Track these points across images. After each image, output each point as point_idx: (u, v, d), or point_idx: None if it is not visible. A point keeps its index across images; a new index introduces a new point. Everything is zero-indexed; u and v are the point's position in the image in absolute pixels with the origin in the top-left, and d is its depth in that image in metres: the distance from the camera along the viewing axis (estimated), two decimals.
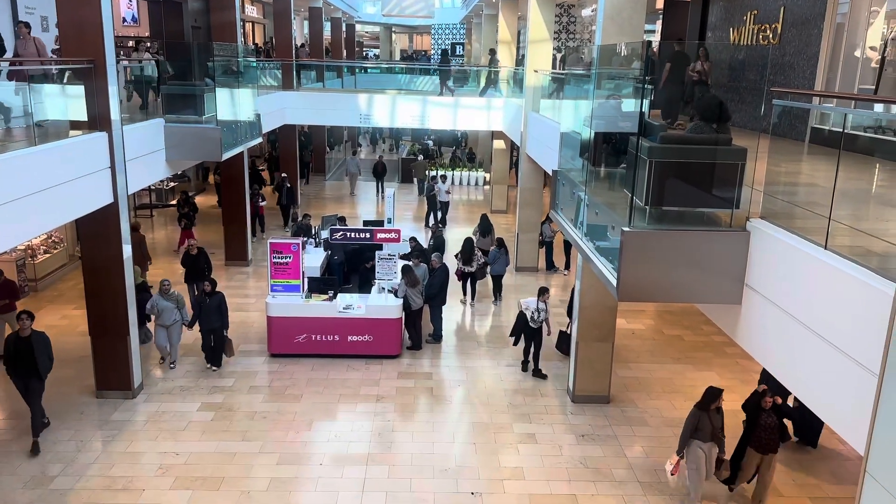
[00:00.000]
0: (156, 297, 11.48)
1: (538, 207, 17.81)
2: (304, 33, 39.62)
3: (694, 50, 10.63)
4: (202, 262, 13.89)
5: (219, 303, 11.52)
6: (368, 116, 22.77)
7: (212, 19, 16.84)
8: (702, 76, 9.79)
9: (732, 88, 13.30)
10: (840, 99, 9.24)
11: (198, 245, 14.13)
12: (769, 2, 12.59)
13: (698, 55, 10.18)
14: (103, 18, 9.53)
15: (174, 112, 12.72)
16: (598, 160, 8.17)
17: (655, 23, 20.18)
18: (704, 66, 9.95)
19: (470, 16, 38.98)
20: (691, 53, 10.05)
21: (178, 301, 11.62)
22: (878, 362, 3.67)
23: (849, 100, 8.36)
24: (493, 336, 13.74)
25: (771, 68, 12.24)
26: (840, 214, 4.95)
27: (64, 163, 8.74)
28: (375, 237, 13.73)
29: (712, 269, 5.81)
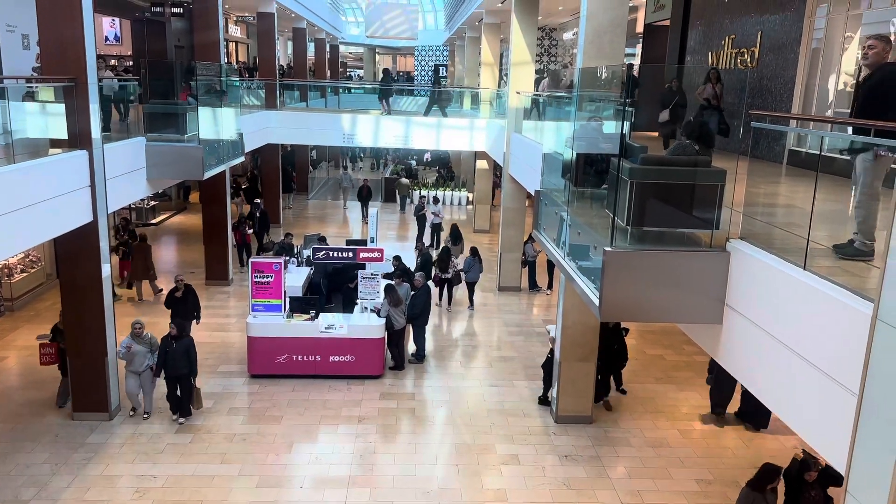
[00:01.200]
0: (127, 340, 10.43)
1: (521, 227, 17.89)
2: (287, 53, 39.76)
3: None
4: (191, 302, 12.68)
5: (186, 348, 10.43)
6: (352, 136, 22.81)
7: (195, 39, 16.85)
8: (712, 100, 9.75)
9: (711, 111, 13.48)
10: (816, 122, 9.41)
11: (185, 282, 12.84)
12: (747, 26, 12.85)
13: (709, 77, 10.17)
14: (85, 37, 9.50)
15: (156, 130, 12.67)
16: (580, 181, 8.24)
17: (636, 46, 20.49)
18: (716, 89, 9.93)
19: (453, 38, 39.38)
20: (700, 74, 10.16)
21: (152, 344, 10.57)
22: (857, 382, 3.71)
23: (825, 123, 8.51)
24: (476, 356, 13.71)
25: (749, 91, 12.45)
26: (818, 235, 5.02)
27: (43, 181, 8.65)
28: (358, 256, 13.68)
29: (693, 289, 5.85)
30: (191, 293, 12.74)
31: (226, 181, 16.91)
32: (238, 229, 18.54)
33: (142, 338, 10.49)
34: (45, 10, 9.40)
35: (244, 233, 18.87)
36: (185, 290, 12.68)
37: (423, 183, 31.55)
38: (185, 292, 12.66)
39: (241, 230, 18.69)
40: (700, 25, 14.95)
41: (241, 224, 18.76)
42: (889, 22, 9.62)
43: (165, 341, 10.47)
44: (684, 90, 9.72)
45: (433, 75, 27.90)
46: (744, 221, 5.88)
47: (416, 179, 32.63)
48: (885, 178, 5.06)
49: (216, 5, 16.10)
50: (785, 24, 11.67)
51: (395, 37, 40.49)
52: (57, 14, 9.38)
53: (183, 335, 10.64)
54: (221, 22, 16.60)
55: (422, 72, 50.81)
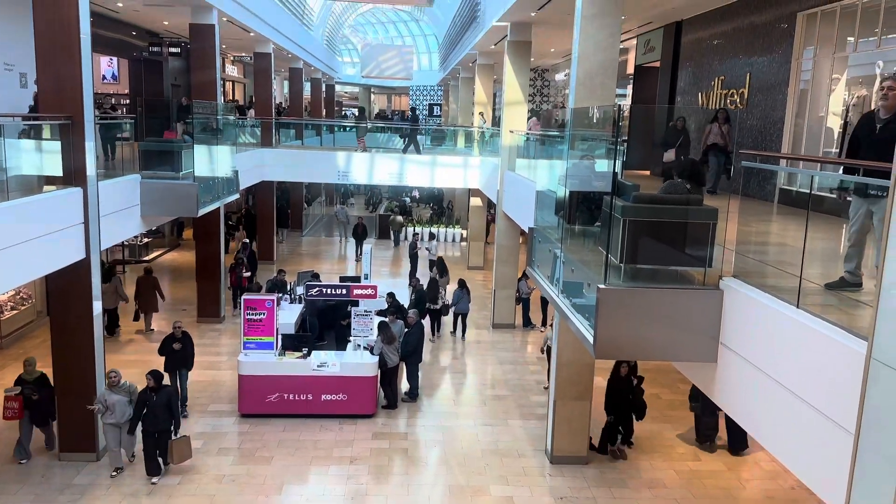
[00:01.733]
0: (103, 392, 9.76)
1: (515, 264, 17.91)
2: (284, 92, 40.22)
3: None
4: (188, 349, 11.98)
5: (167, 399, 9.70)
6: (346, 173, 22.97)
7: (192, 78, 17.04)
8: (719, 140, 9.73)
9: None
10: (806, 161, 9.54)
11: (182, 329, 12.07)
12: (736, 68, 13.09)
13: (716, 117, 10.22)
14: (83, 76, 9.61)
15: (151, 168, 12.72)
16: (573, 218, 8.28)
17: (626, 87, 20.82)
18: (722, 129, 9.95)
19: (447, 78, 39.97)
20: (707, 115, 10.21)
21: (132, 393, 9.83)
22: (853, 421, 3.68)
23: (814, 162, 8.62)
24: (470, 394, 13.58)
25: (739, 131, 12.63)
26: (810, 273, 5.03)
27: (37, 218, 8.65)
28: (352, 293, 13.64)
29: (687, 326, 5.85)
30: (188, 342, 11.98)
31: (220, 218, 16.94)
32: (234, 270, 18.02)
33: (119, 387, 9.74)
34: (43, 49, 9.52)
35: (240, 275, 18.11)
36: (183, 337, 11.94)
37: (416, 220, 31.68)
38: (182, 340, 11.89)
39: (237, 272, 18.04)
40: (690, 67, 15.23)
41: (238, 266, 18.15)
42: (875, 64, 9.82)
43: (144, 394, 9.70)
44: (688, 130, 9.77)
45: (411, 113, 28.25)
46: (736, 259, 5.90)
47: (410, 216, 32.77)
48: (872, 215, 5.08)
49: (214, 46, 16.32)
50: (773, 65, 11.90)
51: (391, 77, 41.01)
52: (56, 53, 9.50)
53: (162, 386, 9.82)
54: (219, 62, 16.82)
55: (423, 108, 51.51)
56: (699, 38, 14.76)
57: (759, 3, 12.31)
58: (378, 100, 61.53)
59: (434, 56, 51.18)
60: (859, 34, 10.10)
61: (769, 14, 12.02)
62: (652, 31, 17.22)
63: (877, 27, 9.65)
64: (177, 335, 11.83)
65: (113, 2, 17.01)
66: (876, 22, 9.65)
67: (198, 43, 16.45)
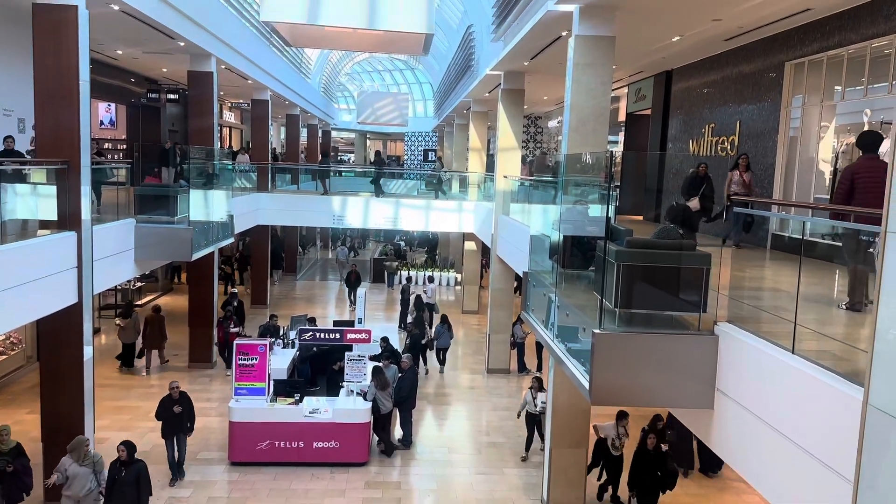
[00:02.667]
0: (65, 461, 8.78)
1: (509, 308, 17.86)
2: (280, 138, 40.66)
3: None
4: (189, 411, 11.14)
5: (137, 475, 8.91)
6: (342, 218, 23.06)
7: (190, 124, 17.22)
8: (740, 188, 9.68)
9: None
10: (797, 207, 9.63)
11: (180, 389, 11.19)
12: (726, 115, 13.33)
13: (737, 164, 10.15)
14: (81, 122, 9.70)
15: (146, 212, 12.75)
16: (568, 262, 8.30)
17: (618, 134, 21.14)
18: (744, 178, 9.91)
19: (442, 124, 40.52)
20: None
21: (97, 464, 8.93)
22: (851, 468, 3.63)
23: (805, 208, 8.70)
24: (464, 441, 13.38)
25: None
26: (804, 319, 5.03)
27: (30, 262, 8.62)
28: (345, 338, 13.54)
29: (683, 372, 5.81)
30: (186, 402, 11.10)
31: (214, 263, 16.91)
32: (221, 325, 16.51)
33: (85, 457, 8.87)
34: (43, 95, 9.63)
35: (227, 330, 16.38)
36: (181, 399, 11.05)
37: (411, 264, 31.70)
38: (181, 402, 11.01)
39: (225, 326, 16.42)
40: (680, 114, 15.50)
41: (226, 320, 16.55)
42: (862, 112, 10.02)
43: (113, 467, 8.95)
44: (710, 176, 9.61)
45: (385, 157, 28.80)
46: (731, 305, 5.90)
47: (405, 260, 32.80)
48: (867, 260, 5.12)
49: (212, 93, 16.54)
50: (762, 113, 12.12)
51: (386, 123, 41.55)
52: (55, 99, 9.61)
53: (133, 461, 8.99)
54: (216, 108, 17.03)
55: (411, 156, 52.03)
56: (689, 87, 15.05)
57: (747, 53, 12.60)
58: (373, 145, 62.20)
59: (429, 103, 51.97)
60: (846, 83, 10.33)
61: (757, 63, 12.30)
62: (643, 80, 17.57)
63: (863, 76, 9.88)
64: (174, 396, 10.94)
65: (112, 50, 17.28)
66: (862, 71, 9.88)
67: (196, 90, 16.67)
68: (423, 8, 13.30)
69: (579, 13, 9.73)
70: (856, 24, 9.74)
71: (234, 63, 18.12)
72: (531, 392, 12.49)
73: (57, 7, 9.47)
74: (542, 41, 12.96)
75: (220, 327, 16.63)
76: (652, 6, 9.96)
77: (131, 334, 16.42)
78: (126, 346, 16.48)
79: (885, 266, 3.40)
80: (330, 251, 40.42)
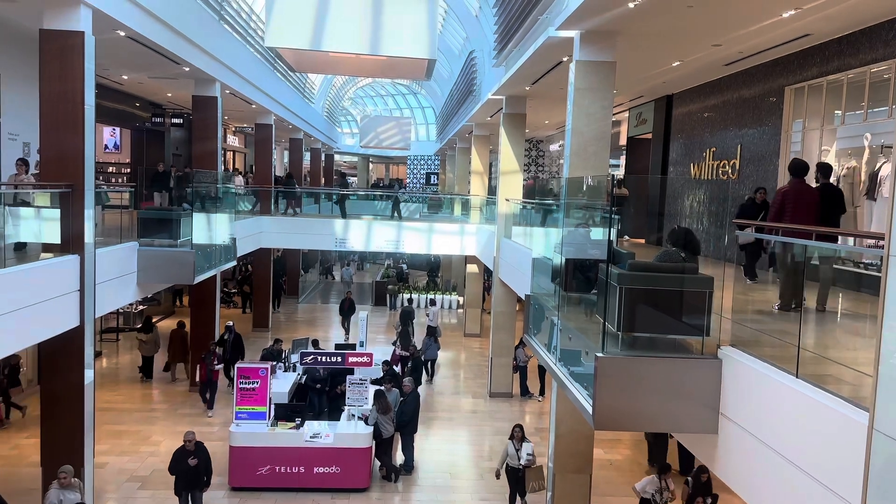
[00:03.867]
0: (54, 492, 8.56)
1: (511, 331, 17.79)
2: (284, 162, 40.91)
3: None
4: (206, 463, 10.16)
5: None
6: (344, 241, 23.09)
7: (193, 149, 17.35)
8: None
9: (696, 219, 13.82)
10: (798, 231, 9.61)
11: (196, 440, 10.20)
12: (727, 139, 13.39)
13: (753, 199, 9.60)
14: (85, 146, 9.77)
15: (149, 235, 12.78)
16: (570, 285, 8.29)
17: (619, 158, 21.24)
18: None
19: (444, 148, 40.76)
20: None
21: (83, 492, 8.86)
22: (857, 494, 3.59)
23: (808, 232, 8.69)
24: (466, 466, 13.25)
25: (731, 201, 12.80)
26: (808, 343, 5.01)
27: (33, 285, 8.62)
28: (347, 361, 13.48)
29: (686, 396, 5.76)
30: (202, 453, 10.16)
31: (216, 286, 16.91)
32: (203, 361, 15.02)
33: (73, 486, 8.72)
34: (48, 119, 9.70)
35: (210, 367, 14.88)
36: (197, 450, 10.11)
37: (413, 287, 31.69)
38: (197, 454, 10.08)
39: (208, 362, 14.88)
40: (681, 138, 15.58)
41: (209, 356, 14.96)
42: (863, 136, 10.06)
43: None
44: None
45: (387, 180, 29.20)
46: (734, 328, 5.88)
47: (407, 283, 32.79)
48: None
49: (216, 117, 16.68)
50: (763, 137, 12.18)
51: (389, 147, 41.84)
52: (60, 123, 9.68)
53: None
54: (220, 133, 17.15)
55: (414, 179, 52.27)
56: (690, 111, 15.15)
57: (747, 78, 12.70)
58: (376, 169, 62.52)
59: (431, 127, 52.36)
60: (846, 107, 10.39)
61: (758, 88, 12.39)
62: (644, 105, 17.69)
63: (863, 101, 9.94)
64: (189, 448, 10.00)
65: (118, 75, 17.46)
66: (862, 96, 9.94)
67: (200, 114, 16.82)
68: (425, 34, 13.44)
69: (580, 39, 9.84)
70: (855, 49, 9.83)
71: (239, 88, 18.29)
72: (513, 443, 10.98)
73: (63, 33, 9.59)
74: (543, 66, 13.08)
75: (203, 364, 15.09)
76: (652, 32, 10.07)
77: (151, 348, 17.64)
78: (146, 359, 17.64)
79: (888, 290, 3.39)
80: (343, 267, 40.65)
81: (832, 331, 6.69)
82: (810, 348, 5.08)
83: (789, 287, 6.42)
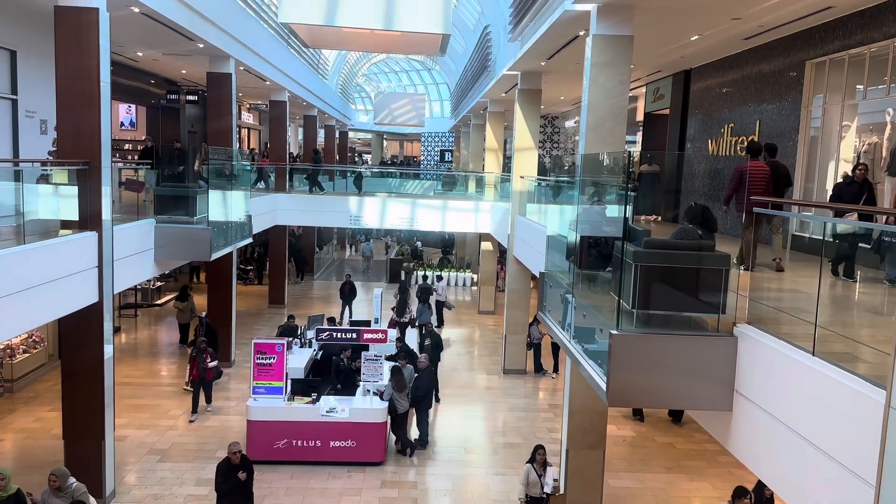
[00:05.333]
0: (45, 494, 8.28)
1: (526, 309, 17.81)
2: (298, 139, 40.89)
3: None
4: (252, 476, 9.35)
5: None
6: (359, 218, 23.14)
7: (209, 126, 17.37)
8: None
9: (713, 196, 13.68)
10: (817, 208, 9.51)
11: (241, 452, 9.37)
12: (745, 115, 13.20)
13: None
14: (102, 123, 9.82)
15: (166, 212, 12.87)
16: (584, 263, 8.26)
17: (636, 134, 21.01)
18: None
19: (458, 125, 40.52)
20: None
21: (74, 495, 8.24)
22: (873, 472, 3.58)
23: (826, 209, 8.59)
24: (480, 441, 13.37)
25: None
26: (825, 320, 4.97)
27: (52, 261, 8.74)
28: (362, 338, 13.57)
29: (701, 374, 5.75)
30: (248, 466, 9.33)
31: (233, 262, 17.04)
32: (195, 361, 13.65)
33: (63, 490, 8.24)
34: (64, 97, 9.76)
35: (203, 366, 13.54)
36: (242, 462, 9.30)
37: (427, 264, 31.75)
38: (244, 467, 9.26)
39: (199, 362, 13.56)
40: (699, 114, 15.37)
41: (200, 353, 13.64)
42: (885, 112, 9.87)
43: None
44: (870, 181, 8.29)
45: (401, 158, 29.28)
46: (750, 306, 5.84)
47: (422, 260, 32.86)
48: None
49: (230, 94, 16.68)
50: (783, 112, 11.99)
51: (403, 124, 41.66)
52: (76, 101, 9.73)
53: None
54: (235, 109, 17.15)
55: (428, 156, 52.10)
56: (708, 86, 14.93)
57: (767, 52, 12.48)
58: (390, 146, 62.36)
59: (446, 103, 52.02)
60: (868, 82, 10.19)
61: (778, 62, 12.17)
62: (661, 80, 17.45)
63: (885, 75, 9.74)
64: (235, 461, 9.18)
65: (133, 52, 17.48)
66: (885, 70, 9.74)
67: (215, 91, 16.82)
68: (439, 9, 13.31)
69: (597, 12, 9.68)
70: (879, 22, 9.61)
71: (253, 64, 18.25)
72: (534, 468, 9.79)
73: (78, 10, 9.60)
74: (559, 41, 12.92)
75: (194, 364, 13.66)
76: (671, 5, 9.89)
77: (187, 315, 18.76)
78: (182, 326, 18.90)
79: None
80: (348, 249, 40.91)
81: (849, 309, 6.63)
82: (827, 326, 5.04)
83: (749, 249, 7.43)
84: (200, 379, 13.70)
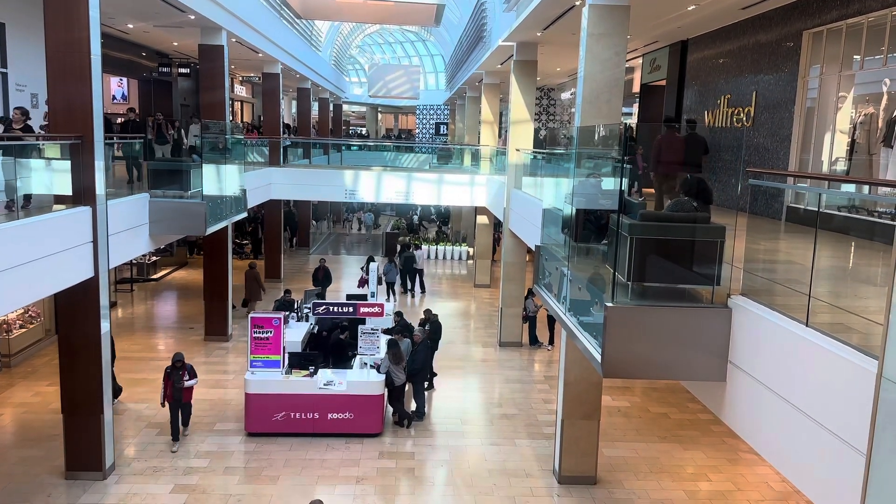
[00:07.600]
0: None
1: (521, 282, 17.87)
2: (292, 112, 40.58)
3: None
4: None
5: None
6: (354, 192, 23.05)
7: (201, 99, 17.20)
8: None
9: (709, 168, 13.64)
10: (813, 179, 9.51)
11: None
12: (741, 86, 13.12)
13: None
14: (93, 96, 9.70)
15: (160, 187, 12.80)
16: (580, 236, 8.27)
17: (632, 106, 20.89)
18: None
19: (454, 97, 40.21)
20: None
21: None
22: (864, 441, 3.64)
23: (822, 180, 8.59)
24: (476, 413, 13.50)
25: (746, 149, 12.62)
26: (819, 292, 5.00)
27: (46, 237, 8.70)
28: (359, 311, 13.62)
29: (695, 345, 5.81)
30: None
31: (228, 237, 17.00)
32: (170, 379, 11.41)
33: None
34: (55, 70, 9.62)
35: (178, 384, 11.34)
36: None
37: (423, 238, 31.74)
38: None
39: (175, 379, 11.35)
40: (696, 85, 15.28)
41: (175, 371, 11.39)
42: (881, 82, 9.82)
43: None
44: None
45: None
46: (744, 277, 5.87)
47: (418, 234, 32.84)
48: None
49: (223, 67, 16.48)
50: (779, 83, 11.93)
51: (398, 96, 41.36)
52: (67, 74, 9.60)
53: None
54: (227, 82, 16.97)
55: (423, 129, 51.77)
56: (705, 57, 14.82)
57: (764, 22, 12.36)
58: (385, 119, 61.92)
59: (441, 76, 51.56)
60: (865, 52, 10.12)
61: (775, 33, 12.07)
62: (658, 51, 17.31)
63: (883, 45, 9.67)
64: None
65: (123, 23, 17.23)
66: (882, 40, 9.67)
67: (207, 63, 16.62)
68: None
69: None
70: None
71: (245, 36, 18.01)
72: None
73: None
74: (555, 10, 12.77)
75: (169, 382, 11.45)
76: None
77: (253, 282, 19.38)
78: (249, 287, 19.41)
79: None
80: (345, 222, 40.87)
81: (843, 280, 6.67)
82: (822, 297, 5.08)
83: None
84: (176, 400, 11.42)
